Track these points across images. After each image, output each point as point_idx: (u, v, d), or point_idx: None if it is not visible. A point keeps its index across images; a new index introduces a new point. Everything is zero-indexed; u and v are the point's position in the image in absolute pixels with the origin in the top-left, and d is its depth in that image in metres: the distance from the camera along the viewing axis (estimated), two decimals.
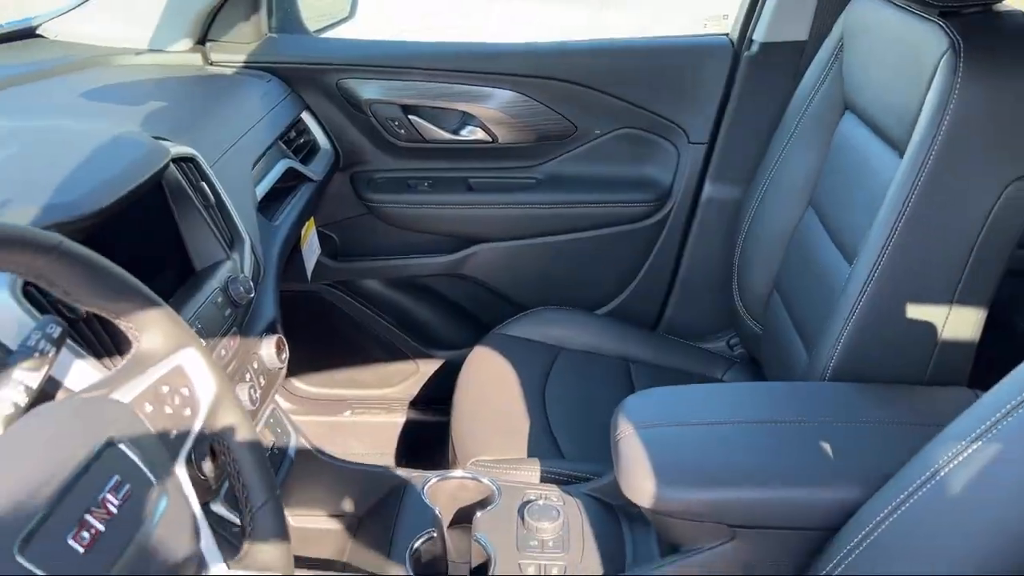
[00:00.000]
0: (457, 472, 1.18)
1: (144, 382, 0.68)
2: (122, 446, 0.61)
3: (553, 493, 1.14)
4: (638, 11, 6.49)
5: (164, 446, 0.66)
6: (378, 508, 1.17)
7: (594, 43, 1.71)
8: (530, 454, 1.32)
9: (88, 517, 0.55)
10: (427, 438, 1.91)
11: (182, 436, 0.68)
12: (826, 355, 1.11)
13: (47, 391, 0.74)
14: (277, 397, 1.36)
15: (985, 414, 0.76)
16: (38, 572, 0.50)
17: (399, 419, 1.96)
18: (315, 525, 1.18)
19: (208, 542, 0.67)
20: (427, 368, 1.94)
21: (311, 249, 1.61)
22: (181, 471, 0.66)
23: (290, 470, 1.20)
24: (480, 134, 1.71)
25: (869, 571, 0.82)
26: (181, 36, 1.62)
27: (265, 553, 0.73)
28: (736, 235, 1.57)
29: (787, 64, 1.57)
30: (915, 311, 1.07)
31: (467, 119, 1.71)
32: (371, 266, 1.85)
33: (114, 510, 0.57)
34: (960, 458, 0.77)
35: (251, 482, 0.75)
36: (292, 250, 1.53)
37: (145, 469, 0.61)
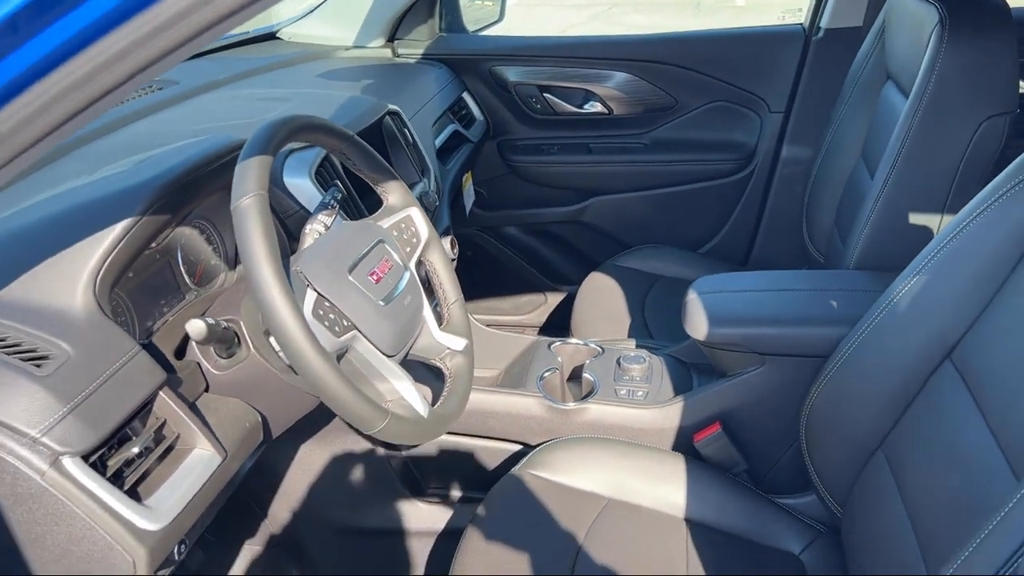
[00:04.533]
0: (574, 340, 1.64)
1: (391, 220, 1.17)
2: (386, 245, 1.10)
3: (643, 352, 1.58)
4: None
5: (404, 253, 1.15)
6: (517, 359, 1.64)
7: (692, 33, 2.14)
8: (629, 336, 1.76)
9: (375, 268, 1.04)
10: None
11: (413, 250, 1.18)
12: (851, 250, 1.50)
13: None
14: None
15: (923, 257, 1.14)
16: (358, 285, 1.00)
17: None
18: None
19: (427, 311, 1.16)
20: (553, 300, 2.40)
21: (468, 194, 2.11)
22: (412, 268, 1.15)
23: None
24: (599, 108, 2.18)
25: (845, 377, 1.21)
26: (376, 36, 2.17)
27: (457, 323, 1.22)
28: (806, 185, 1.94)
29: (847, 45, 1.94)
30: (915, 217, 1.44)
31: (589, 96, 2.18)
32: (511, 215, 2.34)
33: (386, 270, 1.06)
34: (905, 289, 1.15)
35: (447, 287, 1.24)
36: (455, 198, 2.04)
37: (397, 258, 1.11)
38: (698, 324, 1.37)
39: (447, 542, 1.56)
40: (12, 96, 0.61)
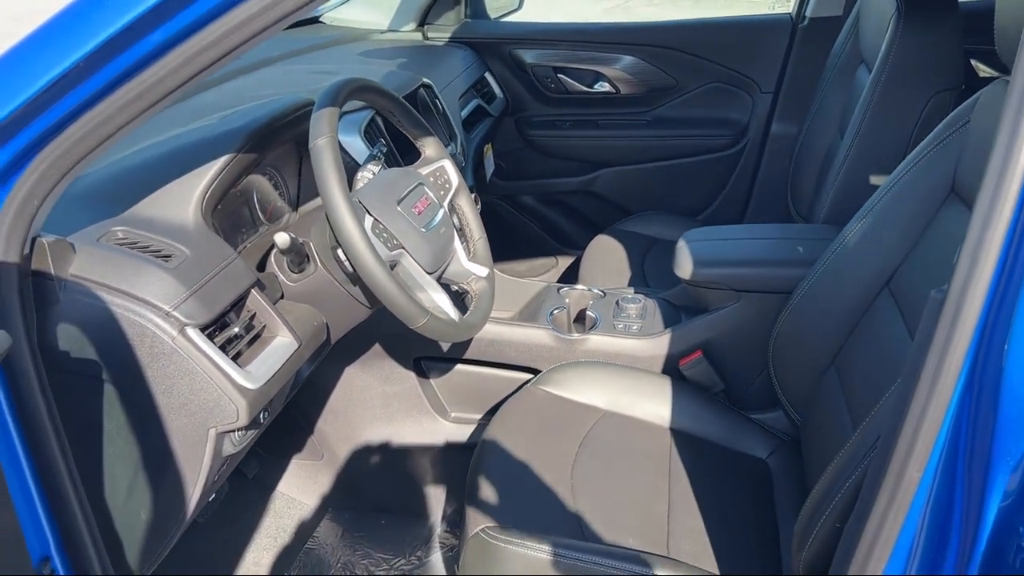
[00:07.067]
0: (580, 285, 1.88)
1: (428, 168, 1.42)
2: (424, 187, 1.35)
3: (639, 295, 1.82)
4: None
5: (439, 195, 1.39)
6: (530, 301, 1.89)
7: (692, 20, 2.38)
8: (628, 286, 2.00)
9: (417, 204, 1.29)
10: None
11: (445, 194, 1.42)
12: (821, 206, 1.73)
13: None
14: None
15: (868, 205, 1.37)
16: (404, 214, 1.24)
17: None
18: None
19: (457, 243, 1.41)
20: (564, 262, 2.65)
21: (489, 163, 2.36)
22: (445, 208, 1.40)
23: None
24: (608, 87, 2.42)
25: (805, 308, 1.44)
26: (408, 21, 2.43)
27: (481, 255, 1.47)
28: (791, 158, 2.17)
29: (829, 33, 2.16)
30: (875, 178, 1.67)
31: (599, 77, 2.42)
32: (527, 185, 2.59)
33: (425, 205, 1.31)
34: (853, 231, 1.38)
35: (473, 226, 1.49)
36: (477, 166, 2.28)
37: (434, 197, 1.35)
38: (685, 266, 1.61)
39: (469, 456, 1.81)
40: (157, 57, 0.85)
